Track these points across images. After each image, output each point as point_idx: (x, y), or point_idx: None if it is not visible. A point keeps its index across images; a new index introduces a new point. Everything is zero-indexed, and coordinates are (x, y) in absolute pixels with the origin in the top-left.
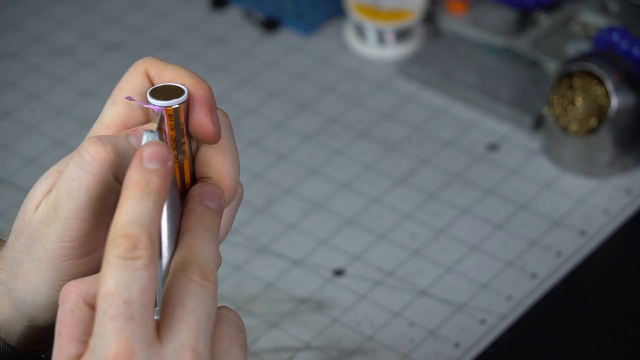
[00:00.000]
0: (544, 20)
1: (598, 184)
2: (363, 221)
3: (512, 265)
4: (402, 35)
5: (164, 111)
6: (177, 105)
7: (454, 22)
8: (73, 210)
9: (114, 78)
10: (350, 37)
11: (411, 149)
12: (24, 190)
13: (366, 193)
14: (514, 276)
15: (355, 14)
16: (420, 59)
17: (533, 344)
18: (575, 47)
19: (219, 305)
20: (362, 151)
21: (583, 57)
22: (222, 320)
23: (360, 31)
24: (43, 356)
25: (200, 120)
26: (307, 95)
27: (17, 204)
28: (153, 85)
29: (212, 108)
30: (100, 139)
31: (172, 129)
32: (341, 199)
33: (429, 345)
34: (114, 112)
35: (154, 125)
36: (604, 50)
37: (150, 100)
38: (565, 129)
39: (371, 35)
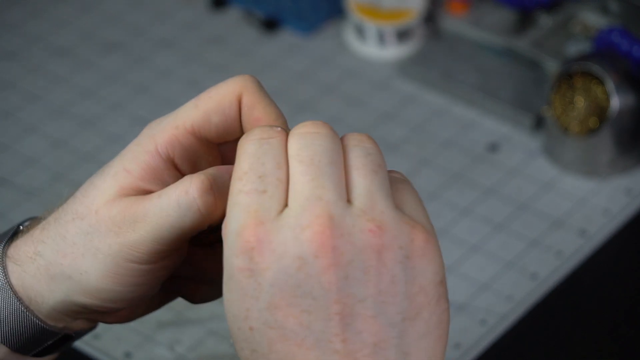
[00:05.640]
0: (544, 21)
1: (598, 184)
2: None
3: (512, 265)
4: (402, 35)
5: None
6: None
7: (454, 22)
8: (154, 235)
9: (114, 78)
10: (350, 37)
11: (411, 149)
12: (24, 190)
13: None
14: (514, 276)
15: (355, 14)
16: (420, 59)
17: (533, 344)
18: (576, 47)
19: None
20: None
21: (583, 58)
22: (344, 151)
23: (360, 31)
24: (73, 334)
25: None
26: (307, 95)
27: (17, 204)
28: (240, 111)
29: None
30: (212, 188)
31: None
32: None
33: None
34: (191, 115)
35: None
36: (604, 51)
37: None
38: (565, 129)
39: (371, 35)
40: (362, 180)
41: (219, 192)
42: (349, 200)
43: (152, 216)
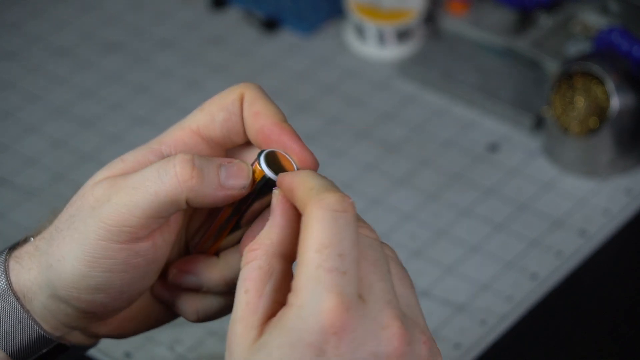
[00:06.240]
0: (544, 21)
1: (598, 184)
2: None
3: (512, 265)
4: (402, 35)
5: (270, 178)
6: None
7: (454, 22)
8: (129, 202)
9: (114, 78)
10: (350, 37)
11: (411, 149)
12: (24, 190)
13: (366, 193)
14: (514, 276)
15: (355, 13)
16: (420, 59)
17: (533, 344)
18: (576, 47)
19: None
20: (362, 151)
21: (583, 58)
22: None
23: (360, 31)
24: (69, 345)
25: (300, 152)
26: (307, 95)
27: (17, 204)
28: (242, 109)
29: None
30: (193, 161)
31: (254, 191)
32: None
33: None
34: (196, 117)
35: (248, 166)
36: (604, 51)
37: (264, 166)
38: (565, 129)
39: (371, 35)
40: (408, 292)
41: (202, 168)
42: None
43: (131, 183)
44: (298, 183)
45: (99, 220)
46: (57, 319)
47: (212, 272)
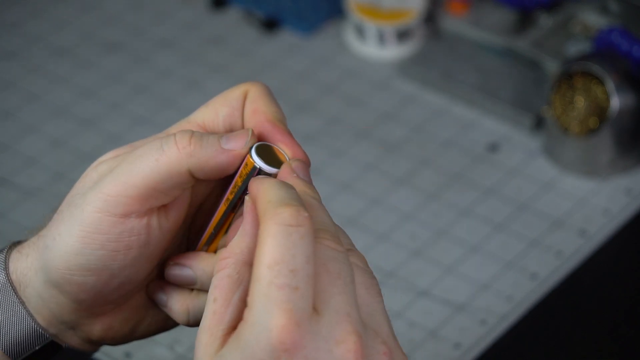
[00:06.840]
0: (544, 21)
1: (598, 184)
2: (363, 221)
3: (512, 265)
4: (402, 35)
5: (258, 167)
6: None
7: (454, 22)
8: (130, 170)
9: (114, 78)
10: (350, 37)
11: (411, 149)
12: (24, 191)
13: (366, 193)
14: (514, 276)
15: (355, 13)
16: (420, 59)
17: (533, 344)
18: (576, 47)
19: None
20: (362, 151)
21: (584, 58)
22: (354, 270)
23: (360, 31)
24: (64, 346)
25: (292, 147)
26: (307, 95)
27: (17, 204)
28: (244, 104)
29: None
30: (192, 130)
31: (244, 181)
32: (341, 200)
33: (429, 345)
34: (202, 112)
35: (249, 131)
36: (604, 51)
37: (254, 156)
38: (565, 129)
39: (371, 35)
40: (372, 302)
41: (201, 137)
42: None
43: (136, 152)
44: (260, 194)
45: (98, 191)
46: (49, 310)
47: (207, 266)
